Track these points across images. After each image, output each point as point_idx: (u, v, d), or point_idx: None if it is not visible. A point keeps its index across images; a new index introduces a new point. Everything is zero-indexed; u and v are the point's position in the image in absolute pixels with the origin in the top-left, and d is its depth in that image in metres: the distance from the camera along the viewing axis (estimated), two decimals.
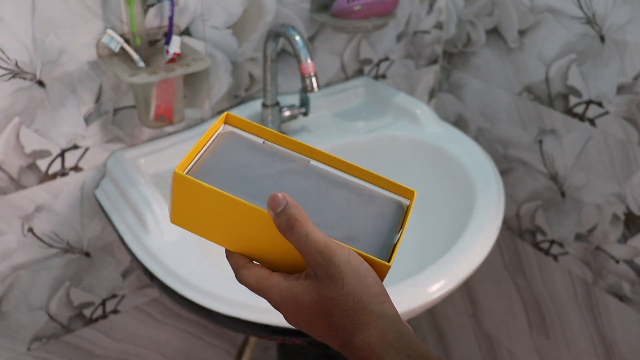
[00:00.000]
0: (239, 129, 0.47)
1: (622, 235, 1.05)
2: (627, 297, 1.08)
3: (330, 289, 0.40)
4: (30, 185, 0.85)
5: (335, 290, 0.40)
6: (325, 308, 0.40)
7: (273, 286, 0.42)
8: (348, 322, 0.40)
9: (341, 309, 0.40)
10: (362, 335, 0.40)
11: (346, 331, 0.40)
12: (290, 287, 0.42)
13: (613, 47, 0.95)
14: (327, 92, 1.09)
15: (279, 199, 0.40)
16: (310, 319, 0.42)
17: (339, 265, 0.40)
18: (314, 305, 0.41)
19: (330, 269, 0.40)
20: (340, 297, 0.40)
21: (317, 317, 0.41)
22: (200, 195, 0.41)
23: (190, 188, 0.41)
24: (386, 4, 0.97)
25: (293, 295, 0.42)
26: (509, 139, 1.18)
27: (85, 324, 1.02)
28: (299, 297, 0.41)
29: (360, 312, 0.40)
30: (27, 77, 0.78)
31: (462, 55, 1.22)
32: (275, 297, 0.42)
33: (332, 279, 0.40)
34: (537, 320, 1.29)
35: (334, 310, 0.40)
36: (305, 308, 0.41)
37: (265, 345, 1.26)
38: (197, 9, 0.88)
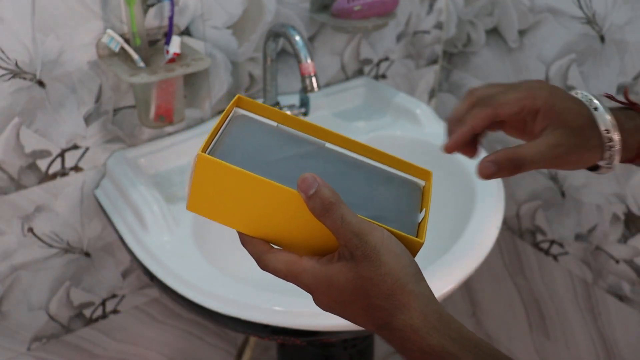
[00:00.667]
0: (251, 112, 0.46)
1: (622, 235, 1.05)
2: (627, 297, 1.08)
3: (368, 269, 0.39)
4: (30, 185, 0.85)
5: (373, 270, 0.39)
6: (362, 288, 0.40)
7: (305, 270, 0.41)
8: (387, 303, 0.39)
9: (379, 289, 0.39)
10: (402, 316, 0.39)
11: (385, 312, 0.39)
12: (324, 269, 0.41)
13: (613, 47, 0.95)
14: (327, 92, 1.09)
15: (310, 181, 0.39)
16: (345, 300, 0.41)
17: (375, 245, 0.39)
18: (349, 286, 0.40)
19: (366, 250, 0.39)
20: (378, 277, 0.39)
21: (354, 298, 0.40)
22: (226, 177, 0.40)
23: (215, 170, 0.40)
24: (386, 4, 0.97)
25: (328, 277, 0.40)
26: (508, 139, 1.18)
27: (85, 324, 1.02)
28: (334, 278, 0.40)
29: (399, 291, 0.39)
30: (27, 77, 0.78)
31: (462, 55, 1.22)
32: (307, 281, 0.41)
33: (369, 259, 0.39)
34: (537, 320, 1.29)
35: (371, 290, 0.39)
36: (341, 289, 0.40)
37: (265, 345, 1.26)
38: (197, 9, 0.88)
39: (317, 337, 0.74)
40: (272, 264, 0.42)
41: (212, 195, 0.41)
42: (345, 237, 0.39)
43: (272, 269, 0.42)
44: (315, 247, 0.42)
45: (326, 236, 0.41)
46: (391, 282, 0.39)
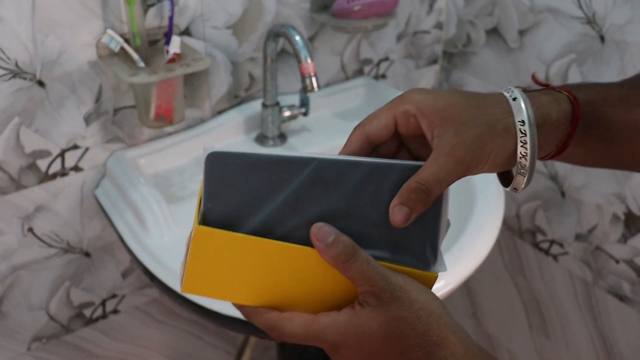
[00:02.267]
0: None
1: (622, 235, 1.05)
2: (627, 297, 1.08)
3: (400, 309, 0.37)
4: (30, 185, 0.85)
5: (405, 309, 0.37)
6: (396, 331, 0.37)
7: (327, 326, 0.38)
8: (424, 340, 0.37)
9: (414, 327, 0.37)
10: (442, 352, 0.37)
11: (424, 350, 0.37)
12: (348, 320, 0.38)
13: (613, 47, 0.95)
14: (327, 92, 1.09)
15: (326, 229, 0.37)
16: (378, 349, 0.38)
17: (401, 285, 0.37)
18: (382, 332, 0.37)
19: (394, 290, 0.37)
20: (411, 314, 0.37)
21: (387, 344, 0.37)
22: (229, 247, 0.36)
23: (217, 242, 0.36)
24: (386, 4, 0.97)
25: (355, 327, 0.37)
26: None
27: (85, 324, 1.02)
28: (363, 327, 0.37)
29: (434, 326, 0.37)
30: (27, 77, 0.78)
31: (462, 55, 1.22)
32: (332, 337, 0.38)
33: (399, 300, 0.37)
34: (537, 320, 1.29)
35: (406, 330, 0.37)
36: (372, 337, 0.37)
37: (265, 345, 1.26)
38: (197, 9, 0.88)
39: None
40: (288, 331, 0.38)
41: (213, 270, 0.37)
42: (372, 281, 0.37)
43: (289, 335, 0.38)
44: (331, 303, 0.39)
45: (342, 289, 0.38)
46: (425, 317, 0.37)
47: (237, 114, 0.99)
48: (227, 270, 0.38)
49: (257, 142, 0.99)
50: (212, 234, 0.36)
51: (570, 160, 0.46)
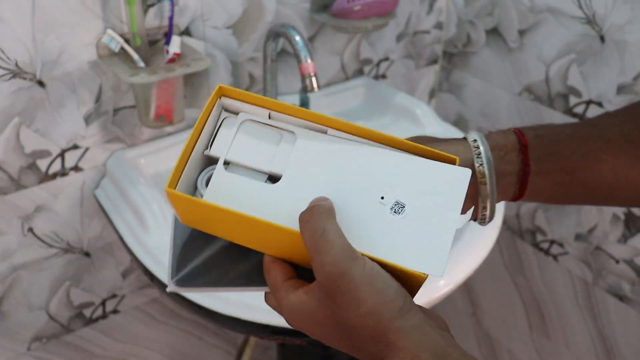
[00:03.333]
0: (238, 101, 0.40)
1: (622, 235, 1.05)
2: (627, 297, 1.08)
3: (345, 309, 0.34)
4: (30, 185, 0.85)
5: (350, 311, 0.34)
6: (342, 330, 0.35)
7: (282, 298, 0.37)
8: (373, 346, 0.34)
9: (361, 332, 0.34)
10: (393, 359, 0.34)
11: (374, 355, 0.35)
12: (300, 304, 0.36)
13: (613, 47, 0.95)
14: (327, 92, 1.09)
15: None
16: (329, 338, 0.36)
17: (352, 279, 0.33)
18: (331, 324, 0.35)
19: (342, 283, 0.33)
20: (357, 318, 0.34)
21: (340, 336, 0.36)
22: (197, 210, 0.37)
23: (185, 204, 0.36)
24: (386, 4, 0.97)
25: (305, 313, 0.36)
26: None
27: (85, 324, 1.02)
28: (313, 314, 0.36)
29: (383, 331, 0.34)
30: (27, 77, 0.78)
31: (462, 55, 1.22)
32: (287, 313, 0.37)
33: (345, 296, 0.34)
34: (537, 320, 1.29)
35: (353, 333, 0.35)
36: (321, 326, 0.36)
37: (265, 346, 1.26)
38: (197, 9, 0.88)
39: None
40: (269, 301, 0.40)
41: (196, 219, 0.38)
42: (320, 260, 0.34)
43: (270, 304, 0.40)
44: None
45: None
46: (373, 322, 0.34)
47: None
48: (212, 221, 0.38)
49: None
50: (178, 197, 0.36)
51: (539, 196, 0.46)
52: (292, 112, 0.39)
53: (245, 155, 0.39)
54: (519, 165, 0.44)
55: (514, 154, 0.44)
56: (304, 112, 0.39)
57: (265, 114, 0.40)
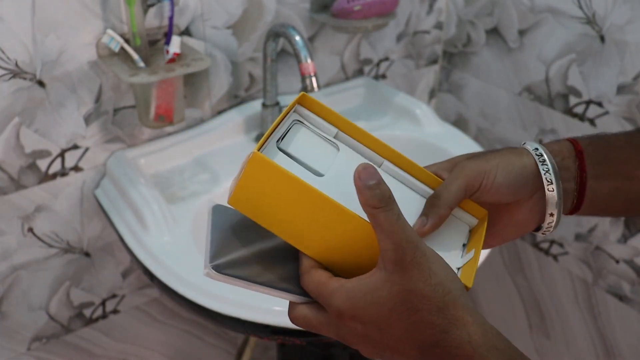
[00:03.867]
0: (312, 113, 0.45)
1: (622, 235, 1.05)
2: (627, 297, 1.08)
3: (417, 279, 0.34)
4: (30, 185, 0.85)
5: (422, 280, 0.34)
6: (407, 303, 0.34)
7: (334, 292, 0.36)
8: (438, 318, 0.34)
9: (430, 302, 0.34)
10: (458, 332, 0.34)
11: (436, 328, 0.34)
12: (359, 286, 0.36)
13: (613, 47, 0.95)
14: (327, 92, 1.09)
15: (372, 170, 0.35)
16: (386, 320, 0.35)
17: (426, 252, 0.35)
18: (392, 303, 0.35)
19: (417, 255, 0.34)
20: (428, 287, 0.34)
21: (397, 316, 0.35)
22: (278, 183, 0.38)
23: (268, 173, 0.37)
24: (386, 4, 0.97)
25: (365, 294, 0.35)
26: (509, 139, 1.18)
27: (85, 324, 1.02)
28: (374, 294, 0.35)
29: (451, 305, 0.34)
30: (27, 77, 0.78)
31: (462, 55, 1.22)
32: (339, 302, 0.36)
33: (419, 267, 0.34)
34: (537, 320, 1.29)
35: (420, 304, 0.34)
36: (381, 306, 0.35)
37: (265, 346, 1.26)
38: (197, 8, 0.88)
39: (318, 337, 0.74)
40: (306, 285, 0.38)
41: (259, 196, 0.39)
42: (397, 239, 0.34)
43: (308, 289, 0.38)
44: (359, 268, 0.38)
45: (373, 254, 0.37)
46: (442, 293, 0.34)
47: (237, 114, 0.99)
48: (271, 201, 0.39)
49: (257, 142, 0.99)
50: (266, 164, 0.37)
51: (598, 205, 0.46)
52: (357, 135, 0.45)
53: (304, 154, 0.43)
54: (576, 171, 0.44)
55: (570, 160, 0.44)
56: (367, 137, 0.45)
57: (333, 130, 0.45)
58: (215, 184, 0.89)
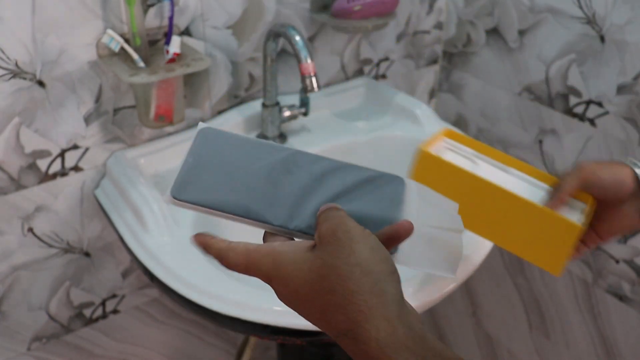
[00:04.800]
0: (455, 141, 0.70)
1: (622, 236, 1.05)
2: (627, 297, 1.08)
3: (335, 254, 0.34)
4: (30, 185, 0.85)
5: (341, 258, 0.34)
6: (325, 281, 0.34)
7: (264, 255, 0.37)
8: (350, 303, 0.33)
9: (344, 284, 0.33)
10: (367, 325, 0.32)
11: (347, 315, 0.33)
12: (285, 254, 0.36)
13: (613, 47, 0.95)
14: (327, 92, 1.09)
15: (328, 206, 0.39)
16: (304, 296, 0.35)
17: (350, 231, 0.35)
18: (311, 277, 0.34)
19: (339, 232, 0.35)
20: (345, 266, 0.33)
21: (314, 294, 0.34)
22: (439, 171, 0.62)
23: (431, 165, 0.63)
24: (386, 4, 0.97)
25: (287, 264, 0.36)
26: (509, 139, 1.18)
27: (85, 324, 1.02)
28: (296, 265, 0.35)
29: (367, 289, 0.33)
30: (27, 77, 0.78)
31: (462, 55, 1.22)
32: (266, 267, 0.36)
33: (339, 243, 0.34)
34: (537, 320, 1.29)
35: (335, 284, 0.33)
36: (302, 280, 0.35)
37: (265, 345, 1.26)
38: (197, 9, 0.88)
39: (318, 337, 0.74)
40: (232, 260, 0.38)
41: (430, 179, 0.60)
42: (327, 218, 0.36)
43: (234, 264, 0.38)
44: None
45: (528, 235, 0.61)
46: (359, 275, 0.33)
47: (237, 114, 0.99)
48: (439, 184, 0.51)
49: None
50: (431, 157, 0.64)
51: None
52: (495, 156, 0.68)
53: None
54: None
55: None
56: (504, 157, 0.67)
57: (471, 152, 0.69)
58: None
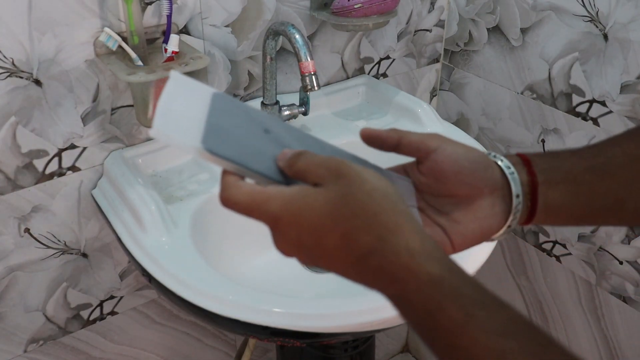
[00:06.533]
0: None
1: (626, 236, 1.04)
2: (630, 298, 1.07)
3: (351, 185, 0.34)
4: (27, 185, 0.84)
5: (356, 186, 0.34)
6: (343, 208, 0.34)
7: (272, 197, 0.35)
8: (375, 222, 0.33)
9: (365, 207, 0.33)
10: (395, 239, 0.33)
11: (372, 234, 0.33)
12: (296, 193, 0.35)
13: (617, 46, 0.94)
14: (327, 91, 1.08)
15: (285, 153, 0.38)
16: (321, 227, 0.34)
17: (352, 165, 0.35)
18: (328, 208, 0.34)
19: (342, 167, 0.35)
20: (362, 193, 0.34)
21: (332, 222, 0.34)
22: None
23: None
24: (387, 2, 0.96)
25: (300, 200, 0.35)
26: (511, 138, 1.17)
27: (83, 326, 1.01)
28: (309, 200, 0.34)
29: (389, 210, 0.34)
30: (24, 76, 0.78)
31: (464, 54, 1.21)
32: (274, 208, 0.35)
33: (349, 177, 0.34)
34: (539, 321, 1.28)
35: (355, 209, 0.33)
36: (316, 213, 0.34)
37: (265, 347, 1.26)
38: (195, 7, 0.87)
39: (318, 339, 0.73)
40: (234, 197, 0.36)
41: None
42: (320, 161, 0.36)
43: (234, 202, 0.36)
44: None
45: None
46: (379, 198, 0.34)
47: None
48: None
49: None
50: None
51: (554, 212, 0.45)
52: None
53: None
54: (526, 176, 0.44)
55: (519, 167, 0.44)
56: None
57: None
58: (214, 184, 0.88)
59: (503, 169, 0.43)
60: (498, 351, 0.31)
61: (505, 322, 0.33)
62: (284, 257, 0.38)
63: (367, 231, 0.33)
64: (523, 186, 0.43)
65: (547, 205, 0.43)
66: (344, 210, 0.33)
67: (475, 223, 0.43)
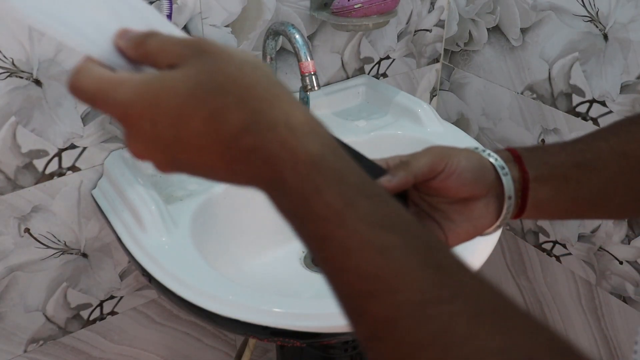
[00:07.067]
0: None
1: (626, 236, 1.04)
2: (630, 298, 1.07)
3: (217, 61, 0.29)
4: (27, 185, 0.84)
5: (223, 61, 0.29)
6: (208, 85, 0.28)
7: (123, 82, 0.30)
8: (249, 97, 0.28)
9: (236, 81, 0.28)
10: (273, 112, 0.28)
11: (245, 109, 0.28)
12: (152, 77, 0.29)
13: (617, 46, 0.94)
14: (327, 91, 1.08)
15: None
16: (182, 110, 0.28)
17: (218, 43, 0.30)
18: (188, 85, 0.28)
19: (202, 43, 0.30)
20: (231, 66, 0.29)
21: (194, 101, 0.28)
22: None
23: None
24: (387, 2, 0.96)
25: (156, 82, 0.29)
26: (511, 138, 1.17)
27: (83, 326, 1.01)
28: (165, 81, 0.29)
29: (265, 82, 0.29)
30: (24, 76, 0.78)
31: (464, 54, 1.21)
32: (124, 95, 0.29)
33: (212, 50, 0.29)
34: None
35: (225, 85, 0.28)
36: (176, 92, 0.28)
37: (265, 347, 1.25)
38: (195, 7, 0.87)
39: (318, 339, 0.73)
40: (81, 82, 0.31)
41: None
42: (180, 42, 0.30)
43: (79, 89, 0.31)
44: None
45: None
46: (251, 69, 0.29)
47: None
48: None
49: None
50: None
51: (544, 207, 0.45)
52: None
53: None
54: (517, 172, 0.44)
55: (511, 164, 0.45)
56: None
57: None
58: (214, 184, 0.88)
59: (497, 168, 0.43)
60: (378, 246, 0.27)
61: (392, 215, 0.29)
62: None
63: (239, 107, 0.28)
64: (515, 184, 0.44)
65: (536, 200, 0.44)
66: (210, 86, 0.28)
67: (470, 222, 0.44)
